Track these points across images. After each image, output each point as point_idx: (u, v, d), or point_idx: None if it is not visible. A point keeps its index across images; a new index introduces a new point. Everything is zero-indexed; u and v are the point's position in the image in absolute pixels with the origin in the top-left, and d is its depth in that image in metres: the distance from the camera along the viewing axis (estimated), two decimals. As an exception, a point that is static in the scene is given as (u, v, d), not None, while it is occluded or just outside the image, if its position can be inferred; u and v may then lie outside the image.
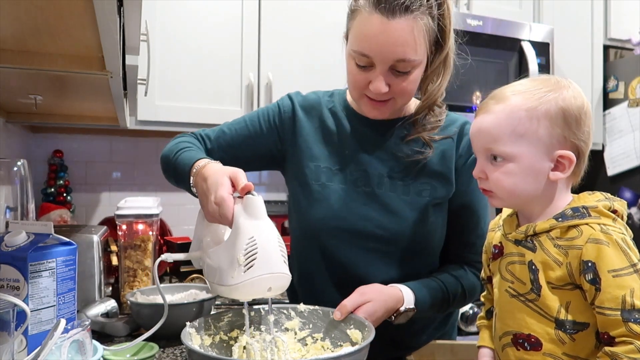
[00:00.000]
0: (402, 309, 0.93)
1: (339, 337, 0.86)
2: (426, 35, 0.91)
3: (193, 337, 0.80)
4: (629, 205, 2.37)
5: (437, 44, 0.96)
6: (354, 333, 0.83)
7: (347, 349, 0.75)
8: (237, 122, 1.13)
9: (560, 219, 0.75)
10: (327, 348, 0.86)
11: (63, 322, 0.70)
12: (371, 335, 0.76)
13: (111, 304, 1.17)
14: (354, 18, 0.93)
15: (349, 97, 1.10)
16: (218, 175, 0.83)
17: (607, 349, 0.69)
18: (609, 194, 0.78)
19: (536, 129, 0.75)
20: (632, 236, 0.75)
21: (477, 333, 0.93)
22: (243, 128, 1.11)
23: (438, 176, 1.02)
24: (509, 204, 0.82)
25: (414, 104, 1.07)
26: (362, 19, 0.90)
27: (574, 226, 0.74)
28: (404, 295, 0.94)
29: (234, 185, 0.81)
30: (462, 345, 1.02)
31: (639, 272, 0.70)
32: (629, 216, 2.35)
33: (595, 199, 0.77)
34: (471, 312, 1.73)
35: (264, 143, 1.10)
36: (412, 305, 0.94)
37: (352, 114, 1.08)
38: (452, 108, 1.08)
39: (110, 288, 1.39)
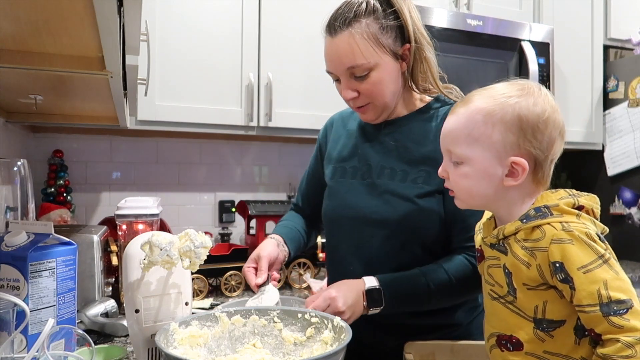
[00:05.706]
0: (365, 288, 0.97)
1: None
2: (371, 39, 1.00)
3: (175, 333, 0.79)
4: (629, 205, 2.37)
5: (403, 40, 1.04)
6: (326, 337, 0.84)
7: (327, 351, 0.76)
8: (309, 165, 1.32)
9: (524, 220, 0.76)
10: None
11: (51, 321, 0.70)
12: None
13: (111, 304, 1.18)
14: None
15: None
16: (254, 252, 1.12)
17: (599, 351, 0.69)
18: (574, 190, 0.78)
19: (490, 133, 0.76)
20: (605, 230, 0.75)
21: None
22: (311, 167, 1.31)
23: (432, 162, 1.03)
24: (469, 205, 0.83)
25: (406, 105, 1.13)
26: (324, 44, 1.07)
27: (538, 226, 0.74)
28: (365, 280, 0.99)
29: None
30: (462, 345, 1.02)
31: (608, 261, 0.70)
32: (629, 216, 2.35)
33: (557, 197, 0.77)
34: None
35: (319, 169, 1.27)
36: (375, 284, 0.97)
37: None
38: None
39: (110, 288, 1.39)
